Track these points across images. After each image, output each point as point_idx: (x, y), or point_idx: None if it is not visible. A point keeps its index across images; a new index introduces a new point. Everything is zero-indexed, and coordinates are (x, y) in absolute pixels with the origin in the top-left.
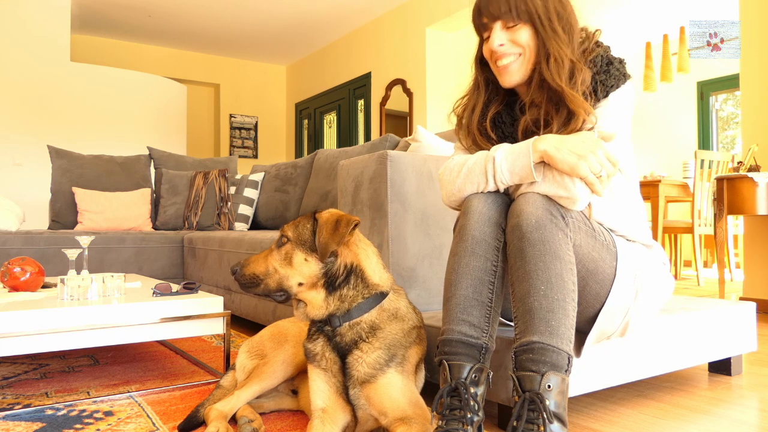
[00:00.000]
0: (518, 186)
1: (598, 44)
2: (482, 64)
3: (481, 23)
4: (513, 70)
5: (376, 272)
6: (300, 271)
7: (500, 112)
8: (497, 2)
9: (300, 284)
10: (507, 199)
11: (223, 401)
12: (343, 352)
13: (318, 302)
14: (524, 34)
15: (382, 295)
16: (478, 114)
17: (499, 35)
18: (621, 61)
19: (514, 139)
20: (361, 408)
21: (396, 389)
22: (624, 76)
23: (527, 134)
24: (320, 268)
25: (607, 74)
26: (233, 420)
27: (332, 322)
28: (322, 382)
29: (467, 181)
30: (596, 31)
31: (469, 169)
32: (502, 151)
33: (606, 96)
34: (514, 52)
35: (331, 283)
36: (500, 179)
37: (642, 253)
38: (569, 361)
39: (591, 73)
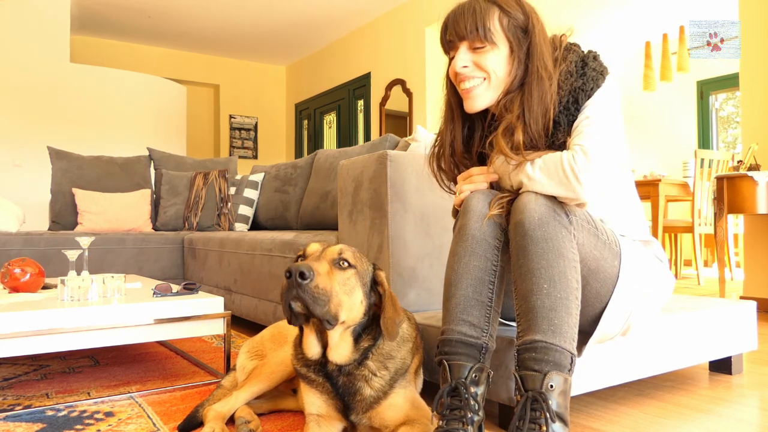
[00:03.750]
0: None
1: (568, 49)
2: (454, 86)
3: (447, 41)
4: (477, 95)
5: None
6: (351, 307)
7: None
8: (464, 20)
9: (343, 321)
10: None
11: (222, 402)
12: (350, 392)
13: (346, 349)
14: (492, 58)
15: None
16: (460, 147)
17: (463, 56)
18: (595, 57)
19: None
20: (362, 425)
21: (399, 403)
22: (602, 74)
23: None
24: (362, 316)
25: (584, 78)
26: (232, 421)
27: (343, 369)
28: (317, 398)
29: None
30: (562, 36)
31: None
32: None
33: (589, 98)
34: (478, 76)
35: (358, 332)
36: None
37: (644, 254)
38: (572, 361)
39: (569, 84)
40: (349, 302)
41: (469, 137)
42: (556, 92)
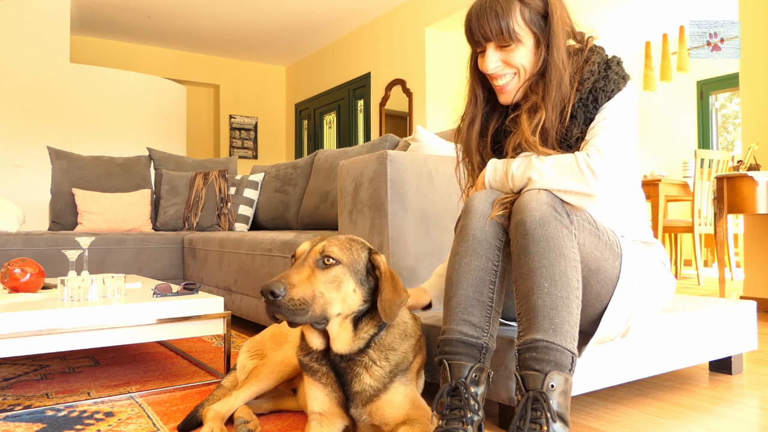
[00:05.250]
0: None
1: (592, 50)
2: (477, 71)
3: (474, 41)
4: (510, 90)
5: None
6: (344, 299)
7: (498, 128)
8: (488, 23)
9: (338, 314)
10: None
11: (221, 402)
12: (348, 379)
13: (346, 338)
14: (519, 55)
15: None
16: (477, 130)
17: (492, 57)
18: (618, 63)
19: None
20: (362, 422)
21: (399, 400)
22: (624, 78)
23: (517, 149)
24: (361, 303)
25: (606, 80)
26: (232, 421)
27: (346, 356)
28: (319, 392)
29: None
30: (589, 38)
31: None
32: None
33: (609, 100)
34: (509, 72)
35: (359, 318)
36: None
37: (645, 255)
38: (573, 361)
39: (590, 82)
40: (340, 296)
41: (486, 121)
42: (569, 84)
